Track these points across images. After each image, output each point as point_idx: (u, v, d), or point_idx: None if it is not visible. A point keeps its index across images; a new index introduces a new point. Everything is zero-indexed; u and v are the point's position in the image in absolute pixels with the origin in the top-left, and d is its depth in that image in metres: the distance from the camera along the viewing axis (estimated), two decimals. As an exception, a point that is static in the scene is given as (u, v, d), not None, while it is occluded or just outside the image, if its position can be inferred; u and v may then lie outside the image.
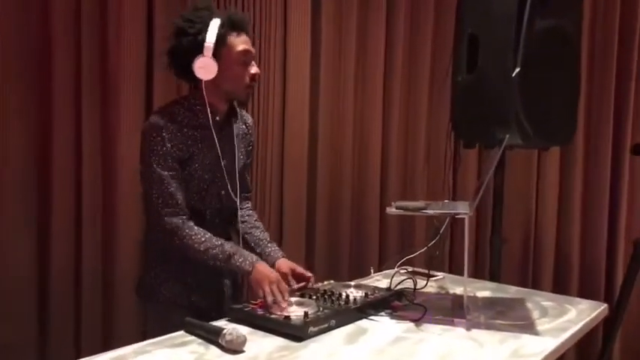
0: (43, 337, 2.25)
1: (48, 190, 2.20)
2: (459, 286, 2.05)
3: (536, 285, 3.09)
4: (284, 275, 1.77)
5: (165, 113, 1.63)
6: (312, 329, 1.47)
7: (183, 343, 1.43)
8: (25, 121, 2.16)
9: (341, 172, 2.97)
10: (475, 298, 1.94)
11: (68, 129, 2.22)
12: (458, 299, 1.87)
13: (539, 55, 2.00)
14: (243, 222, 1.83)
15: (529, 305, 1.85)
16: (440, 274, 2.20)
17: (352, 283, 1.86)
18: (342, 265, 2.96)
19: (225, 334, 1.38)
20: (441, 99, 2.81)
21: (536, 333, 1.57)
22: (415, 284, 1.91)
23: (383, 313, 1.68)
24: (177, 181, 1.63)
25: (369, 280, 2.07)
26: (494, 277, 2.27)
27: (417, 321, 1.62)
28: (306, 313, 1.50)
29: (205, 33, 1.59)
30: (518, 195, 3.12)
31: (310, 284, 1.78)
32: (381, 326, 1.60)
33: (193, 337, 1.46)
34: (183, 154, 1.64)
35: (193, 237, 1.62)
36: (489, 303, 1.89)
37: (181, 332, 1.50)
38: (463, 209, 1.63)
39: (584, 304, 1.88)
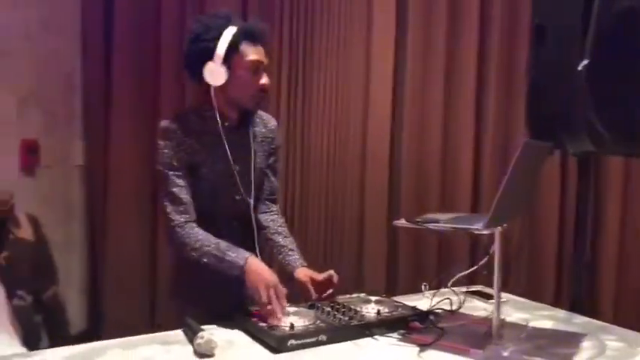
0: (152, 315, 2.82)
1: (156, 195, 2.61)
2: (517, 312, 1.79)
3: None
4: (302, 284, 1.70)
5: (174, 119, 1.66)
6: (292, 342, 1.38)
7: (169, 342, 1.45)
8: (137, 136, 2.77)
9: (427, 179, 2.78)
10: (524, 327, 1.67)
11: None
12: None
13: (617, 44, 1.66)
14: (265, 227, 1.79)
15: (586, 343, 1.54)
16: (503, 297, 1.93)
17: (374, 298, 1.71)
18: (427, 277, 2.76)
19: (197, 337, 1.36)
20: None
21: (561, 377, 1.30)
22: (452, 305, 1.71)
23: (396, 334, 1.53)
24: (184, 183, 1.64)
25: (416, 297, 1.89)
26: (573, 305, 1.94)
27: (427, 346, 1.44)
28: (292, 325, 1.42)
29: (218, 40, 1.60)
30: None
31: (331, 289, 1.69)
32: (381, 347, 1.45)
33: (184, 338, 1.47)
34: (192, 159, 1.65)
35: (192, 235, 1.61)
36: (537, 335, 1.61)
37: (179, 330, 1.52)
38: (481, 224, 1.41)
39: (664, 349, 1.51)
